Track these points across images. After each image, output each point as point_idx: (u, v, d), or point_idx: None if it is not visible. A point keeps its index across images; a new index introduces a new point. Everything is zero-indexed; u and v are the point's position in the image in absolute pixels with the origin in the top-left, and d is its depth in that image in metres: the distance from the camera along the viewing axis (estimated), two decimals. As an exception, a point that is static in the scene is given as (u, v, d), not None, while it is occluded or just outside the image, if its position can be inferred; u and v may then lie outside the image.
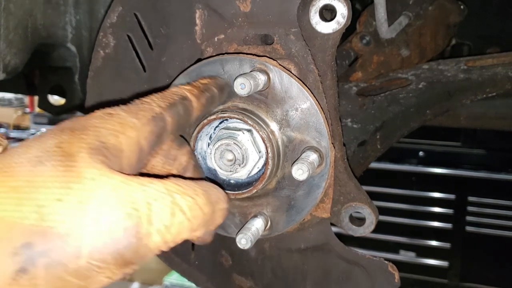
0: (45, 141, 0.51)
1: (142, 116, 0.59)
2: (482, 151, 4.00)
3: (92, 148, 0.51)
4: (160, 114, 0.62)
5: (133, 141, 0.56)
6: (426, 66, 1.40)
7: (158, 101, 0.64)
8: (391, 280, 0.87)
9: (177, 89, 0.71)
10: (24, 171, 0.47)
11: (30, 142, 0.52)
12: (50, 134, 0.53)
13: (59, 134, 0.52)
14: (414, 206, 4.16)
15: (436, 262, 4.16)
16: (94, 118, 0.56)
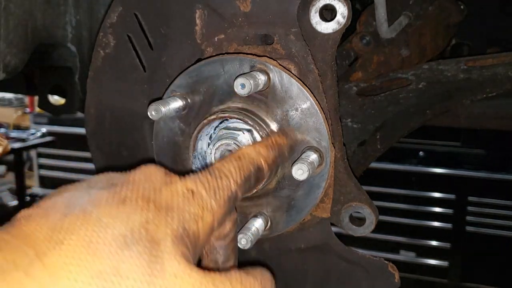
0: (131, 216, 0.51)
1: (220, 197, 0.61)
2: (482, 151, 4.00)
3: (176, 236, 0.53)
4: (235, 193, 0.64)
5: (209, 225, 0.58)
6: (426, 66, 1.40)
7: (236, 173, 0.65)
8: (391, 280, 0.87)
9: (255, 156, 0.71)
10: (110, 254, 0.48)
11: (113, 201, 0.52)
12: (135, 204, 0.53)
13: (145, 209, 0.53)
14: (414, 206, 4.17)
15: (436, 262, 4.17)
16: (178, 196, 0.57)
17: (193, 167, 0.84)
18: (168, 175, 0.60)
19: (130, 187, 0.56)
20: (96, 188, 0.56)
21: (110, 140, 1.01)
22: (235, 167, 0.66)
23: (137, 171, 0.61)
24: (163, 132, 0.89)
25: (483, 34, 1.92)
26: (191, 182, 0.59)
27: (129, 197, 0.54)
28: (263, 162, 0.72)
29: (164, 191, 0.57)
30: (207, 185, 0.60)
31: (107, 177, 0.59)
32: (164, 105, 0.80)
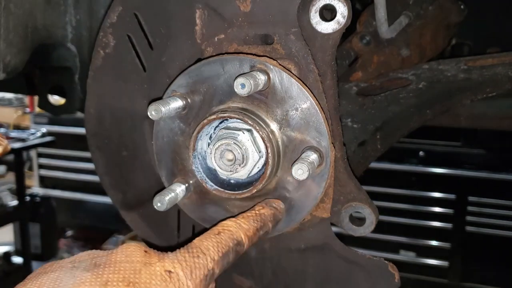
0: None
1: (196, 276, 0.66)
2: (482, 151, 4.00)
3: None
4: (212, 271, 0.68)
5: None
6: (426, 66, 1.40)
7: (214, 250, 0.70)
8: (391, 280, 0.87)
9: (234, 230, 0.74)
10: None
11: (96, 284, 0.57)
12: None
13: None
14: (414, 206, 4.17)
15: (436, 262, 4.17)
16: (156, 277, 0.62)
17: (193, 167, 0.84)
18: (148, 255, 0.65)
19: (111, 269, 0.61)
20: (80, 269, 0.61)
21: (110, 140, 1.01)
22: (213, 243, 0.71)
23: (119, 250, 0.66)
24: (163, 132, 0.89)
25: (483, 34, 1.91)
26: (169, 263, 0.65)
27: (111, 280, 0.59)
28: (243, 236, 0.75)
29: (143, 273, 0.62)
30: (184, 265, 0.65)
31: (91, 256, 0.65)
32: (164, 105, 0.80)
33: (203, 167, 0.84)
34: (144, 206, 1.04)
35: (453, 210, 4.08)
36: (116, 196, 1.06)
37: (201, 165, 0.84)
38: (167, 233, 1.03)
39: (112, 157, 1.01)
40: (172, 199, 0.86)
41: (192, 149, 0.83)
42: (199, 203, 0.90)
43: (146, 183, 1.01)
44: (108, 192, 1.05)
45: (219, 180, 0.84)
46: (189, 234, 1.01)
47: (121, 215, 1.08)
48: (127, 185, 1.04)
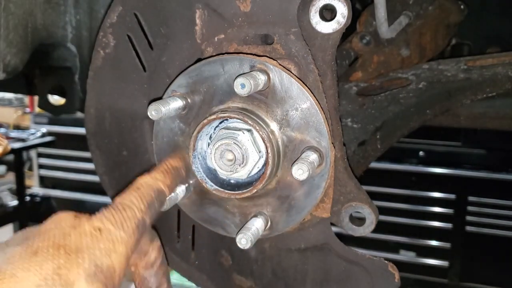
0: (43, 265, 0.56)
1: (128, 227, 0.66)
2: (482, 151, 4.00)
3: (89, 275, 0.58)
4: (142, 220, 0.69)
5: (123, 256, 0.63)
6: (426, 66, 1.40)
7: (138, 202, 0.70)
8: (391, 280, 0.87)
9: (153, 182, 0.75)
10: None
11: (26, 255, 0.57)
12: (46, 253, 0.57)
13: (56, 256, 0.57)
14: (414, 206, 4.17)
15: (436, 262, 4.17)
16: (86, 236, 0.62)
17: (193, 167, 0.84)
18: (77, 218, 0.65)
19: (41, 238, 0.60)
20: (12, 246, 0.60)
21: (110, 140, 1.01)
22: (136, 197, 0.71)
23: (48, 220, 0.65)
24: (163, 132, 0.89)
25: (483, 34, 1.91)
26: (97, 221, 0.64)
27: (41, 247, 0.58)
28: (162, 185, 0.76)
29: (73, 235, 0.61)
30: (113, 219, 0.65)
31: (23, 233, 0.64)
32: (164, 105, 0.80)
33: (203, 167, 0.84)
34: (144, 206, 1.04)
35: (453, 210, 4.08)
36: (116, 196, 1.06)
37: (201, 165, 0.84)
38: (167, 233, 1.03)
39: (112, 157, 1.01)
40: (172, 199, 0.86)
41: (192, 149, 0.83)
42: (199, 203, 0.90)
43: (146, 183, 1.01)
44: (108, 192, 1.05)
45: (219, 180, 0.84)
46: (189, 234, 1.01)
47: (121, 215, 1.08)
48: (127, 185, 1.04)
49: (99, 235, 0.63)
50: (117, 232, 0.64)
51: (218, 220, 0.90)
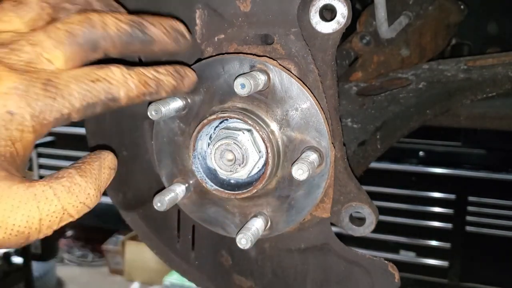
0: None
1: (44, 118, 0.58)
2: (482, 151, 4.00)
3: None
4: (67, 116, 0.60)
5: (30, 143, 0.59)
6: (426, 66, 1.40)
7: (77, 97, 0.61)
8: (391, 280, 0.87)
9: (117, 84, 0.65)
10: None
11: None
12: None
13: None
14: (414, 206, 4.17)
15: (436, 262, 4.17)
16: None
17: (193, 167, 0.84)
18: None
19: None
20: None
21: (110, 140, 1.01)
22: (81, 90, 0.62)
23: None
24: (163, 132, 0.89)
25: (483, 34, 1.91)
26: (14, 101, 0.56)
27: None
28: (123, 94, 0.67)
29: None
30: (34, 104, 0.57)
31: None
32: (164, 105, 0.80)
33: (203, 167, 0.84)
34: (144, 206, 1.04)
35: (453, 210, 4.08)
36: (116, 196, 1.06)
37: (201, 165, 0.84)
38: (167, 233, 1.03)
39: (112, 157, 1.01)
40: (172, 199, 0.86)
41: (192, 149, 0.83)
42: (199, 203, 0.91)
43: (146, 183, 1.01)
44: (108, 192, 1.06)
45: (219, 180, 0.84)
46: (189, 234, 1.01)
47: (121, 215, 1.08)
48: (127, 185, 1.04)
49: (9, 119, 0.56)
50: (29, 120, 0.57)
51: (218, 220, 0.90)
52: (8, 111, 0.55)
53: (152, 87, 0.70)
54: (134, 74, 0.67)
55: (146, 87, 0.69)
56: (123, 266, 5.60)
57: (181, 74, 0.75)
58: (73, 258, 6.05)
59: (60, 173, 0.59)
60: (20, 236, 0.54)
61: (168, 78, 0.73)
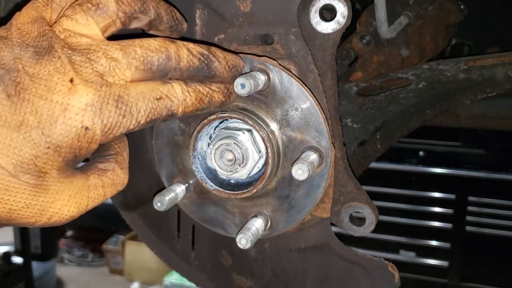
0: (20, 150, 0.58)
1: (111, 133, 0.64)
2: (482, 151, 3.99)
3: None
4: (132, 129, 0.66)
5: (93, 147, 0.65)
6: (426, 66, 1.40)
7: (143, 115, 0.66)
8: (391, 280, 0.87)
9: (177, 103, 0.69)
10: None
11: None
12: None
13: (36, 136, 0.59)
14: (414, 206, 4.16)
15: (436, 262, 4.16)
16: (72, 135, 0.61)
17: (193, 167, 0.84)
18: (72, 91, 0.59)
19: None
20: None
21: (110, 140, 1.01)
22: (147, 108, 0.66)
23: None
24: (163, 132, 0.89)
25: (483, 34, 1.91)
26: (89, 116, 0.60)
27: None
28: (181, 110, 0.70)
29: (59, 125, 0.59)
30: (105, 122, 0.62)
31: None
32: (164, 105, 0.80)
33: (203, 167, 0.84)
34: (144, 206, 1.04)
35: (453, 210, 4.07)
36: (116, 196, 1.06)
37: (201, 165, 0.84)
38: (167, 233, 1.03)
39: (112, 157, 1.01)
40: (172, 199, 0.86)
41: (192, 149, 0.83)
42: (199, 203, 0.91)
43: (146, 183, 1.01)
44: (108, 192, 1.05)
45: (219, 180, 0.84)
46: (189, 234, 1.01)
47: (121, 215, 1.08)
48: (127, 185, 1.04)
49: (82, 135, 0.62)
50: (100, 136, 0.63)
51: (218, 220, 0.90)
52: (83, 126, 0.60)
53: (205, 103, 0.73)
54: (192, 91, 0.70)
55: (201, 103, 0.72)
56: (123, 266, 5.60)
57: (230, 91, 0.77)
58: (73, 258, 6.05)
59: (105, 164, 0.70)
60: (70, 218, 0.65)
61: (219, 95, 0.75)
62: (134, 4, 0.68)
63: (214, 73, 0.72)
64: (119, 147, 0.75)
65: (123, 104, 0.62)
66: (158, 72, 0.66)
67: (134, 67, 0.63)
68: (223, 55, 0.74)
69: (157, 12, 0.72)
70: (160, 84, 0.67)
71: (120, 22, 0.67)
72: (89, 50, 0.62)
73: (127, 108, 0.63)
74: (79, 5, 0.65)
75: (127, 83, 0.63)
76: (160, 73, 0.66)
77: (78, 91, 0.59)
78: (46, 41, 0.61)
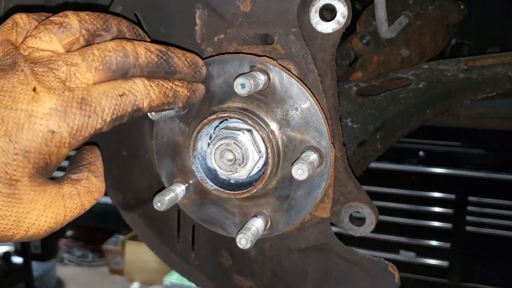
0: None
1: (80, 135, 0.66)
2: (482, 151, 4.00)
3: None
4: (100, 129, 0.68)
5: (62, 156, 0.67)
6: (426, 66, 1.40)
7: (108, 112, 0.68)
8: (391, 280, 0.87)
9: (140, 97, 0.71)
10: None
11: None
12: None
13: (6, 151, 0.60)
14: (414, 206, 4.16)
15: (436, 262, 4.16)
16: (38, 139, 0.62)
17: (193, 167, 0.84)
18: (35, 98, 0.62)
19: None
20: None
21: (109, 140, 1.01)
22: (111, 105, 0.68)
23: None
24: (163, 132, 0.89)
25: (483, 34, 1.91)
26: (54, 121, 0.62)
27: None
28: (146, 105, 0.72)
29: (25, 130, 0.61)
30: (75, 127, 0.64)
31: None
32: (164, 105, 0.80)
33: (203, 167, 0.84)
34: (144, 206, 1.04)
35: (453, 210, 4.07)
36: (116, 196, 1.06)
37: (201, 165, 0.84)
38: (167, 233, 1.03)
39: (111, 157, 1.01)
40: (172, 199, 0.86)
41: (192, 149, 0.83)
42: (199, 203, 0.91)
43: (146, 183, 1.01)
44: (108, 192, 1.05)
45: (219, 180, 0.84)
46: (189, 234, 1.01)
47: (121, 215, 1.08)
48: (127, 185, 1.04)
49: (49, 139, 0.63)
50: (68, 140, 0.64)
51: (218, 220, 0.90)
52: (50, 130, 0.62)
53: (170, 97, 0.75)
54: (155, 85, 0.72)
55: (166, 97, 0.74)
56: (123, 266, 5.60)
57: (194, 87, 0.80)
58: (73, 258, 6.05)
59: (78, 174, 0.71)
60: (49, 230, 0.65)
61: (183, 89, 0.77)
62: (96, 22, 0.72)
63: (174, 68, 0.75)
64: (91, 157, 0.76)
65: (87, 105, 0.65)
66: (118, 70, 0.68)
67: (94, 69, 0.66)
68: (182, 52, 0.77)
69: (119, 29, 0.75)
70: (122, 81, 0.69)
71: (83, 39, 0.70)
72: (50, 60, 0.65)
73: (91, 108, 0.65)
74: (43, 25, 0.68)
75: (90, 85, 0.66)
76: (121, 71, 0.69)
77: (41, 98, 0.62)
78: (11, 58, 0.64)
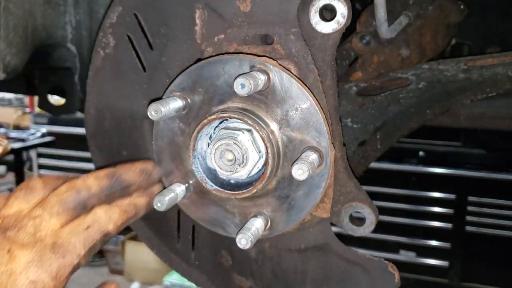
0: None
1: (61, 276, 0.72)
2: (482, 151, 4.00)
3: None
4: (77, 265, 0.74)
5: None
6: (426, 66, 1.40)
7: (80, 247, 0.74)
8: (391, 280, 0.87)
9: (105, 222, 0.78)
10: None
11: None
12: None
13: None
14: (414, 206, 4.17)
15: (436, 262, 4.17)
16: None
17: (193, 167, 0.84)
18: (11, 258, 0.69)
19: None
20: None
21: (110, 140, 1.01)
22: (81, 240, 0.76)
23: None
24: (163, 132, 0.89)
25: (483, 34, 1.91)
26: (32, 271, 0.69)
27: None
28: (112, 227, 0.79)
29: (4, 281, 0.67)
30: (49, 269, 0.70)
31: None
32: (164, 105, 0.80)
33: (203, 167, 0.84)
34: (144, 206, 1.04)
35: (453, 210, 4.08)
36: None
37: (201, 165, 0.84)
38: (167, 233, 1.03)
39: (112, 157, 1.01)
40: (172, 199, 0.86)
41: (192, 149, 0.83)
42: (199, 203, 0.91)
43: (146, 183, 1.01)
44: (108, 192, 1.05)
45: (219, 180, 0.84)
46: (189, 234, 1.01)
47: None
48: (127, 185, 1.04)
49: None
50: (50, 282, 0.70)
51: (218, 220, 0.90)
52: (31, 281, 0.68)
53: (132, 213, 0.83)
54: (115, 207, 0.81)
55: (127, 214, 0.82)
56: (123, 266, 5.60)
57: (151, 191, 0.88)
58: (73, 258, 6.04)
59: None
60: None
61: (142, 199, 0.86)
62: (55, 184, 0.80)
63: (128, 182, 0.84)
64: None
65: (59, 247, 0.72)
66: (77, 206, 0.77)
67: (55, 213, 0.74)
68: (129, 165, 0.86)
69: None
70: (84, 216, 0.77)
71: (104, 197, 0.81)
72: (17, 221, 0.73)
73: (64, 248, 0.72)
74: (12, 194, 0.77)
75: (57, 229, 0.74)
76: (80, 206, 0.77)
77: (17, 256, 0.69)
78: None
